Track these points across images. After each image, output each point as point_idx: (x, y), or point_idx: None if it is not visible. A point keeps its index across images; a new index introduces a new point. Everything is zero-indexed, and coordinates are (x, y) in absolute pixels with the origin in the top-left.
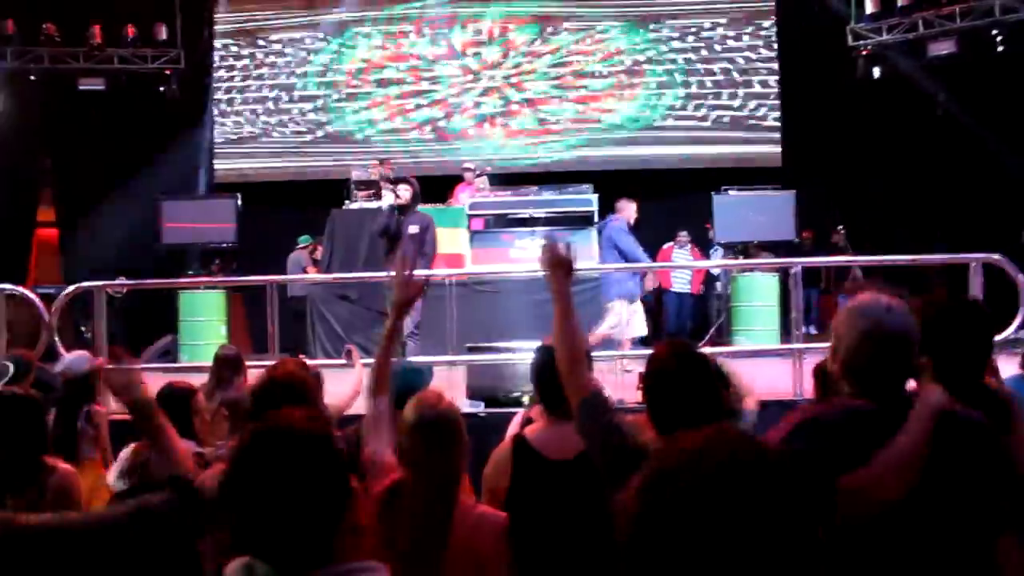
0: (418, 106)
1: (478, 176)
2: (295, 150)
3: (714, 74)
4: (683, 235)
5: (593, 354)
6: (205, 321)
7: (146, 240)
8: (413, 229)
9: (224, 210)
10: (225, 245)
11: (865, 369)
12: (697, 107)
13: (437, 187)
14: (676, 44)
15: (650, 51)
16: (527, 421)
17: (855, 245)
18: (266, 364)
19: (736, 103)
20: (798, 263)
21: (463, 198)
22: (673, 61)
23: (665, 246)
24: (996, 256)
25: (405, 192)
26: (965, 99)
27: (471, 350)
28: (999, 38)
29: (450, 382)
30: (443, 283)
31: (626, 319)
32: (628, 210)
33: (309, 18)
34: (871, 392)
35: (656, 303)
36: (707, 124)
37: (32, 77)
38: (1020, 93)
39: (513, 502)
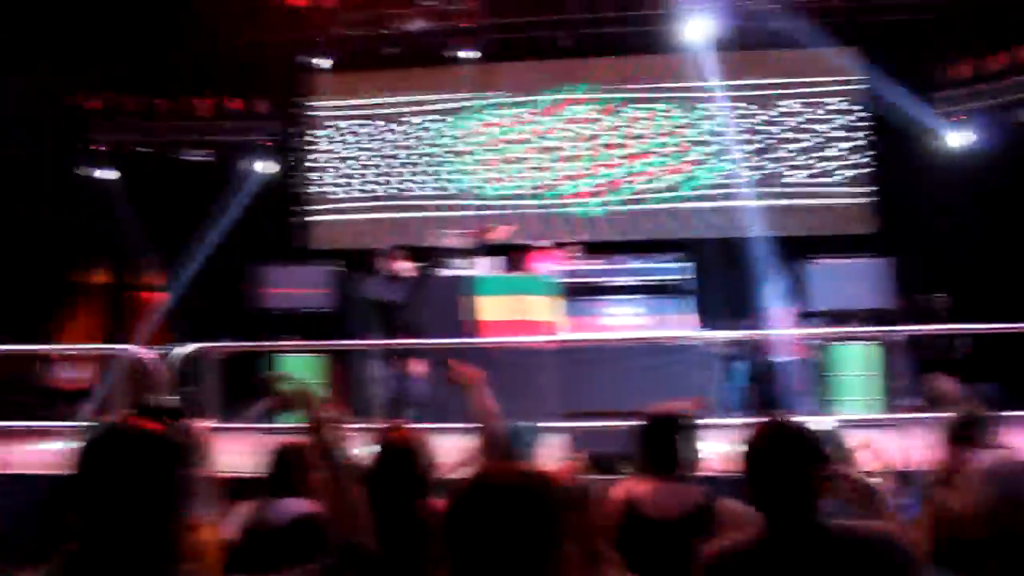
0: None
1: (574, 245)
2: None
3: (800, 142)
4: None
5: None
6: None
7: (237, 305)
8: None
9: (320, 276)
10: (322, 310)
11: None
12: (782, 175)
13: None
14: (767, 116)
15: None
16: None
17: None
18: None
19: (820, 170)
20: (896, 331)
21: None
22: (762, 132)
23: None
24: None
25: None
26: None
27: (569, 417)
28: None
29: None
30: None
31: None
32: None
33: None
34: None
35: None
36: (794, 192)
37: None
38: None
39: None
